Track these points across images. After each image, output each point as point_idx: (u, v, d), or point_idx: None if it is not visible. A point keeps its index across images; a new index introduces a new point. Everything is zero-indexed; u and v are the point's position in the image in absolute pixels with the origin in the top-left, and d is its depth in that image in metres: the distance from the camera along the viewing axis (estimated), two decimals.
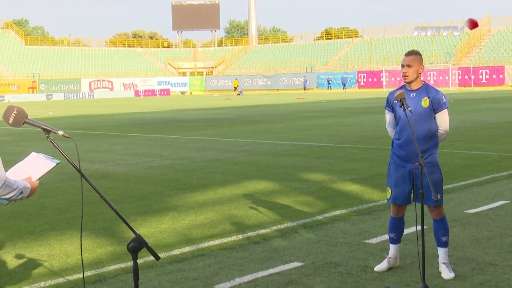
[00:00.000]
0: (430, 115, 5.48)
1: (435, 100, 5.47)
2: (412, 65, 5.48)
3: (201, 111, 36.35)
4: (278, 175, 11.19)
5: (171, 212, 8.28)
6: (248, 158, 13.73)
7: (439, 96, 5.49)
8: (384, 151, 14.13)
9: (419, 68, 5.50)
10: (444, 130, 5.56)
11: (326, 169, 11.78)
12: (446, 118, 5.53)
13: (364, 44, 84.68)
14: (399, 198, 5.61)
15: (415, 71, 5.49)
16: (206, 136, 19.40)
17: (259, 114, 31.49)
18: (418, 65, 5.50)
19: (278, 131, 20.48)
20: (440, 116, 5.51)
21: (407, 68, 5.49)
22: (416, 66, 5.48)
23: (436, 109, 5.48)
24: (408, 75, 5.49)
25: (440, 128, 5.54)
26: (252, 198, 9.05)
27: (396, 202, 5.64)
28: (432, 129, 5.51)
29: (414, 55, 5.52)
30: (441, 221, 5.57)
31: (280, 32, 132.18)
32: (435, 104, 5.47)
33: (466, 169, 11.31)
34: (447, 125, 5.56)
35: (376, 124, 21.91)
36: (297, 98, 53.62)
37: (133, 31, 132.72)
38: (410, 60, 5.50)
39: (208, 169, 12.19)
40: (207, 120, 27.62)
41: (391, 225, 5.76)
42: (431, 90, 5.52)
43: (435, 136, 5.55)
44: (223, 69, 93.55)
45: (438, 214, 5.56)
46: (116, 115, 33.72)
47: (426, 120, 5.47)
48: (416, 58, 5.51)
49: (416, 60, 5.50)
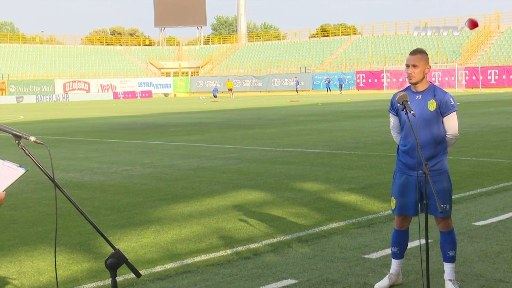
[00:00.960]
0: (437, 118, 5.49)
1: (442, 102, 5.48)
2: (418, 65, 5.49)
3: (186, 114, 36.33)
4: (270, 184, 11.20)
5: (153, 225, 8.27)
6: (237, 166, 13.73)
7: (447, 98, 5.49)
8: (384, 158, 14.16)
9: (425, 68, 5.50)
10: (453, 134, 5.57)
11: (322, 177, 11.79)
12: (455, 122, 5.54)
13: (363, 42, 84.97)
14: (404, 209, 5.61)
15: (421, 72, 5.50)
16: (192, 142, 19.39)
17: (249, 118, 31.51)
18: (424, 65, 5.50)
19: (270, 137, 20.49)
20: (448, 120, 5.52)
21: (412, 68, 5.50)
22: (422, 66, 5.49)
23: (444, 112, 5.49)
24: (413, 75, 5.49)
25: (448, 132, 5.56)
26: (242, 210, 9.05)
27: (401, 213, 5.64)
28: (440, 134, 5.52)
29: (419, 54, 5.53)
30: (448, 234, 5.59)
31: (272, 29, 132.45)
32: (443, 107, 5.48)
33: (474, 177, 11.35)
34: (456, 129, 5.57)
35: (376, 129, 21.97)
36: (290, 101, 53.73)
37: (112, 27, 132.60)
38: (415, 60, 5.50)
39: (194, 178, 12.18)
40: (192, 124, 27.60)
41: (394, 238, 5.76)
42: (438, 92, 5.53)
43: (443, 141, 5.56)
44: (210, 69, 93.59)
45: (446, 226, 5.57)
46: (93, 119, 33.65)
47: (434, 124, 5.48)
48: (422, 57, 5.51)
49: (422, 60, 5.51)
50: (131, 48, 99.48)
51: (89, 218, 3.27)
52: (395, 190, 5.66)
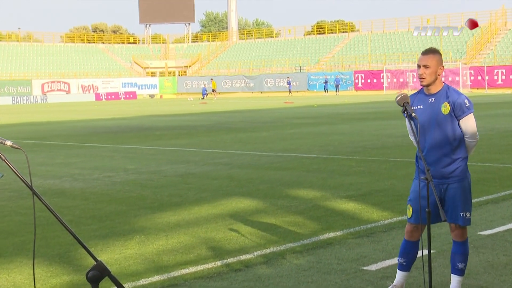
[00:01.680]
0: (451, 122, 5.50)
1: (456, 105, 5.46)
2: (430, 66, 5.47)
3: (172, 117, 36.31)
4: (263, 191, 11.20)
5: (138, 235, 8.26)
6: (227, 172, 13.73)
7: (461, 100, 5.48)
8: (384, 163, 14.19)
9: (437, 69, 5.49)
10: (472, 136, 5.57)
11: (318, 184, 11.80)
12: (472, 124, 5.54)
13: (362, 39, 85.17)
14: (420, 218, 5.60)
15: (433, 73, 5.49)
16: (179, 147, 19.38)
17: (240, 120, 31.52)
18: (437, 65, 5.49)
19: (263, 141, 20.51)
20: (464, 123, 5.52)
21: (423, 69, 5.48)
22: (434, 67, 5.48)
23: (459, 116, 5.48)
24: (425, 77, 5.49)
25: (466, 135, 5.56)
26: (233, 219, 9.04)
27: (418, 222, 5.62)
28: (456, 135, 5.52)
29: (432, 54, 5.52)
30: (461, 245, 5.60)
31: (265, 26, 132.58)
32: (457, 110, 5.47)
33: (479, 184, 11.38)
34: (474, 131, 5.56)
35: (376, 133, 22.02)
36: (284, 102, 53.80)
37: (94, 24, 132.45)
38: (427, 60, 5.49)
39: (181, 185, 12.17)
40: (180, 127, 27.59)
41: (403, 249, 5.75)
42: (452, 93, 5.51)
43: (462, 146, 5.57)
44: (199, 69, 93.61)
45: (461, 236, 5.59)
46: (74, 123, 33.59)
47: (447, 127, 5.49)
48: (434, 57, 5.50)
49: (434, 60, 5.49)
50: (114, 46, 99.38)
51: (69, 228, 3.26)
52: (412, 198, 5.65)
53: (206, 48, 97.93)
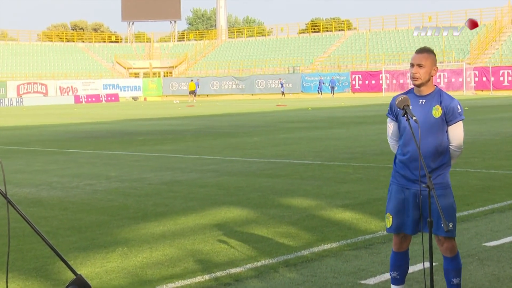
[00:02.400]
0: (442, 127, 5.54)
1: (448, 109, 5.52)
2: (424, 65, 5.54)
3: (157, 121, 36.29)
4: (254, 200, 11.20)
5: (121, 247, 8.24)
6: (216, 180, 13.73)
7: (454, 104, 5.54)
8: (384, 170, 14.22)
9: (431, 69, 5.56)
10: (458, 146, 5.62)
11: (313, 192, 11.82)
12: (460, 132, 5.59)
13: (359, 38, 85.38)
14: (403, 227, 5.64)
15: (426, 73, 5.55)
16: (164, 153, 19.37)
17: (229, 124, 31.53)
18: (431, 65, 5.56)
19: (254, 146, 20.52)
20: (453, 129, 5.57)
21: (417, 68, 5.54)
22: (428, 67, 5.54)
23: (450, 121, 5.54)
24: (418, 76, 5.54)
25: (452, 143, 5.60)
26: (222, 229, 9.04)
27: (398, 231, 5.66)
28: (444, 144, 5.57)
29: (426, 53, 5.59)
30: (452, 259, 5.61)
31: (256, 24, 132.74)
32: (449, 115, 5.53)
33: (484, 192, 11.42)
34: (461, 140, 5.61)
35: (374, 137, 22.06)
36: (276, 105, 53.84)
37: (73, 22, 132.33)
38: (421, 59, 5.55)
39: (167, 194, 12.16)
40: (165, 132, 27.58)
41: (393, 261, 5.78)
42: (445, 97, 5.57)
43: (447, 152, 5.60)
44: (185, 69, 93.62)
45: (449, 250, 5.60)
46: (52, 127, 33.52)
47: (437, 132, 5.52)
48: (429, 57, 5.57)
49: (429, 59, 5.56)
50: (95, 45, 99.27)
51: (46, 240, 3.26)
52: (391, 206, 5.68)
53: (193, 47, 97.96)
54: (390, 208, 5.69)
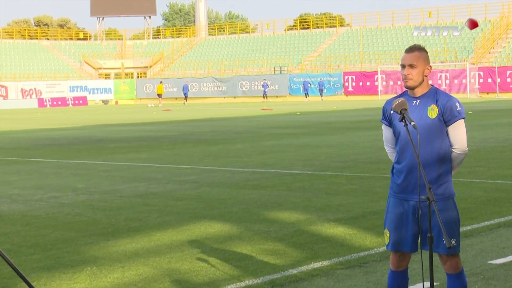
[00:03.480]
0: (440, 129, 5.54)
1: (446, 108, 5.53)
2: (416, 65, 5.55)
3: (130, 127, 36.22)
4: (237, 214, 11.20)
5: (89, 266, 8.22)
6: (195, 192, 13.72)
7: (452, 102, 5.55)
8: (380, 180, 14.25)
9: (424, 69, 5.58)
10: (461, 149, 5.61)
11: (302, 205, 11.82)
12: (462, 133, 5.59)
13: (353, 36, 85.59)
14: (401, 244, 5.64)
15: (419, 73, 5.56)
16: (138, 162, 19.34)
17: (210, 130, 31.51)
18: (424, 64, 5.58)
19: (237, 154, 20.52)
20: (454, 130, 5.56)
21: (408, 69, 5.56)
22: (421, 66, 5.56)
23: (448, 121, 5.53)
24: (411, 77, 5.56)
25: (454, 146, 5.60)
26: (201, 246, 9.04)
27: (396, 249, 5.67)
28: (445, 149, 5.57)
29: (417, 52, 5.60)
30: (457, 277, 5.62)
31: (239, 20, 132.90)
32: (447, 114, 5.53)
33: (490, 204, 11.46)
34: (464, 142, 5.60)
35: (369, 144, 22.11)
36: (261, 109, 53.89)
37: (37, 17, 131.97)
38: (412, 58, 5.57)
39: (141, 207, 12.14)
40: (139, 139, 27.53)
41: (391, 281, 5.79)
42: (441, 96, 5.58)
43: (448, 159, 5.61)
44: (161, 70, 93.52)
45: (453, 267, 5.61)
46: (13, 133, 33.38)
47: (436, 136, 5.53)
48: (420, 56, 5.59)
49: (420, 58, 5.58)
50: (61, 43, 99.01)
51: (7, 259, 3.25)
52: (389, 221, 5.68)
53: (169, 45, 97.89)
54: (388, 223, 5.69)
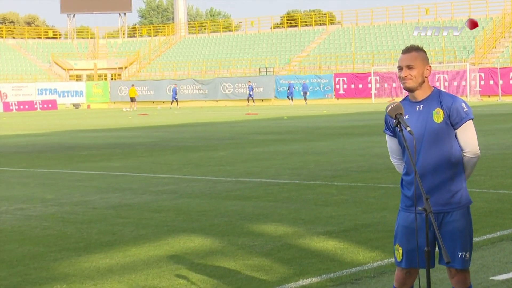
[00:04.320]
0: (448, 133, 5.55)
1: (452, 110, 5.53)
2: (414, 66, 5.56)
3: (104, 132, 36.14)
4: (219, 227, 11.19)
5: (59, 283, 8.20)
6: (174, 203, 13.70)
7: (458, 104, 5.56)
8: (373, 190, 14.26)
9: (424, 70, 5.59)
10: (473, 152, 5.63)
11: (289, 217, 11.82)
12: (472, 134, 5.61)
13: (344, 34, 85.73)
14: (413, 260, 5.61)
15: (419, 74, 5.57)
16: (111, 170, 19.29)
17: (190, 137, 31.49)
18: (423, 65, 5.59)
19: (219, 162, 20.51)
20: (463, 133, 5.58)
21: (406, 71, 5.56)
22: (419, 67, 5.57)
23: (456, 123, 5.54)
24: (409, 78, 5.56)
25: (465, 150, 5.62)
26: (181, 262, 9.02)
27: (410, 265, 5.65)
28: (455, 154, 5.59)
29: (415, 52, 5.61)
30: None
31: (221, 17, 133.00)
32: (453, 116, 5.54)
33: (492, 216, 11.48)
34: (475, 144, 5.62)
35: (362, 151, 22.13)
36: (246, 114, 53.88)
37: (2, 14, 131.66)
38: (410, 59, 5.58)
39: (115, 220, 12.11)
40: (113, 146, 27.47)
41: None
42: (445, 97, 5.59)
43: (460, 164, 5.62)
44: (137, 71, 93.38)
45: (462, 282, 5.62)
46: None
47: (444, 141, 5.54)
48: (418, 56, 5.60)
49: (418, 58, 5.58)
50: (28, 42, 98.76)
51: None
52: (400, 235, 5.67)
53: (146, 44, 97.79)
54: (398, 238, 5.69)
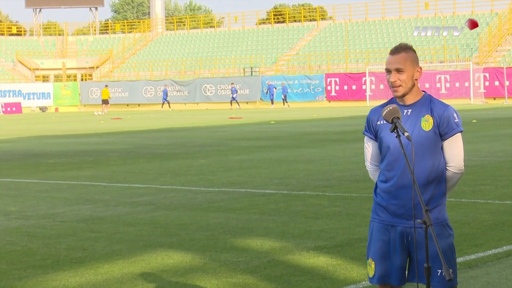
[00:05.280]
0: (435, 143, 5.59)
1: (443, 119, 5.56)
2: (403, 69, 5.57)
3: (73, 138, 36.06)
4: (200, 242, 11.19)
5: None
6: (150, 215, 13.68)
7: (449, 113, 5.59)
8: (368, 201, 14.24)
9: (414, 72, 5.61)
10: (458, 167, 5.66)
11: (277, 231, 11.83)
12: (459, 148, 5.64)
13: (336, 31, 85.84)
14: (388, 277, 5.68)
15: (409, 78, 5.58)
16: (82, 180, 19.25)
17: (168, 143, 31.45)
18: (412, 67, 5.60)
19: (200, 171, 20.49)
20: (450, 145, 5.61)
21: (396, 75, 5.57)
22: (409, 70, 5.58)
23: (445, 134, 5.58)
24: (399, 84, 5.58)
25: (450, 164, 5.65)
26: (158, 280, 9.02)
27: (382, 282, 5.70)
28: (440, 166, 5.62)
29: (404, 52, 5.61)
30: None
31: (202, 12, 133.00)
32: (443, 126, 5.57)
33: (497, 229, 11.51)
34: (461, 159, 5.66)
35: (356, 159, 22.16)
36: (229, 118, 53.85)
37: None
38: (399, 61, 5.58)
39: (85, 234, 12.09)
40: (83, 153, 27.42)
41: None
42: (436, 105, 5.62)
43: (443, 179, 5.65)
44: (110, 71, 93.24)
45: None
46: None
47: (430, 152, 5.57)
48: (408, 57, 5.61)
49: (408, 60, 5.60)
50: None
51: None
52: (373, 249, 5.71)
53: (120, 42, 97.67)
54: (371, 252, 5.73)
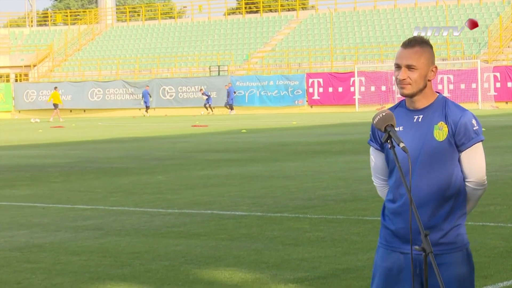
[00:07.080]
0: (450, 155, 5.54)
1: (459, 127, 5.51)
2: (416, 66, 5.51)
3: (5, 151, 35.98)
4: (157, 273, 11.20)
5: None
6: (98, 242, 13.67)
7: (466, 119, 5.53)
8: (357, 224, 14.32)
9: (428, 71, 5.55)
10: (479, 182, 5.60)
11: (249, 260, 11.85)
12: (480, 160, 5.59)
13: (319, 22, 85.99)
14: None
15: (421, 77, 5.52)
16: (16, 200, 19.20)
17: (120, 156, 31.41)
18: (427, 65, 5.54)
19: (157, 189, 20.48)
20: (469, 157, 5.56)
21: (406, 72, 5.52)
22: (422, 68, 5.53)
23: (462, 144, 5.52)
24: (408, 82, 5.52)
25: (469, 179, 5.59)
26: None
27: None
28: (457, 181, 5.56)
29: (419, 47, 5.55)
30: None
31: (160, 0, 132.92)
32: (460, 135, 5.51)
33: (509, 257, 11.54)
34: (483, 172, 5.60)
35: (343, 175, 22.20)
36: (192, 126, 53.80)
37: None
38: (411, 57, 5.53)
39: (21, 265, 12.07)
40: (17, 168, 27.36)
41: None
42: (452, 109, 5.56)
43: (461, 195, 5.60)
44: (49, 70, 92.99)
45: None
46: None
47: (444, 164, 5.52)
48: (423, 52, 5.55)
49: (423, 56, 5.54)
50: None
51: None
52: (378, 279, 5.71)
53: (61, 35, 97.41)
54: (376, 281, 5.72)
